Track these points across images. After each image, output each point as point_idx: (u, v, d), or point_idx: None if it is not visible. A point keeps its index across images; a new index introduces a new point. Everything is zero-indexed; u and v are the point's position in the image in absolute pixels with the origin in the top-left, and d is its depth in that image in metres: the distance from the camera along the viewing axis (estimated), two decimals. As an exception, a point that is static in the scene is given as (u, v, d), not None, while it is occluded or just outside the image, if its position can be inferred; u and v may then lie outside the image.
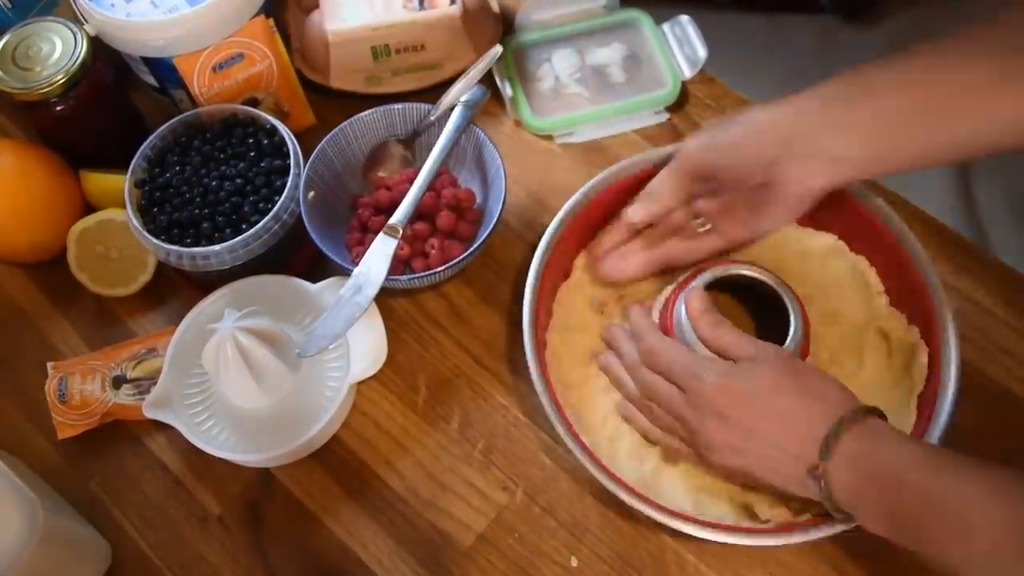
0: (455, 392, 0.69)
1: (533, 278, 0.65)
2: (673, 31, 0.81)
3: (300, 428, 0.63)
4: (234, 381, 0.62)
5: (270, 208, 0.67)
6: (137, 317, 0.74)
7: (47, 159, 0.74)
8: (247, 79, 0.74)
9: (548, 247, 0.66)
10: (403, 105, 0.74)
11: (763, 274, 0.63)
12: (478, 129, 0.72)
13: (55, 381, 0.69)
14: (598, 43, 0.82)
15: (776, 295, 0.62)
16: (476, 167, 0.74)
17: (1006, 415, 0.65)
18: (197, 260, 0.66)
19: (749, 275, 0.63)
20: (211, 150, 0.71)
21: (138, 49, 0.72)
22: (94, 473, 0.68)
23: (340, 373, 0.66)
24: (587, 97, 0.79)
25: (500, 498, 0.65)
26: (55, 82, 0.69)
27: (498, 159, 0.70)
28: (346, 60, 0.78)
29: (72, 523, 0.63)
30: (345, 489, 0.66)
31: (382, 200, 0.71)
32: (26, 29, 0.71)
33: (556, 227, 0.67)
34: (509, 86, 0.79)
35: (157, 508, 0.67)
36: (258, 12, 0.73)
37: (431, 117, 0.73)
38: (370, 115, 0.73)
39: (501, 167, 0.70)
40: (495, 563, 0.63)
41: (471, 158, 0.74)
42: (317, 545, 0.64)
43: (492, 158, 0.71)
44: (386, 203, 0.71)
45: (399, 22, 0.76)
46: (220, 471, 0.67)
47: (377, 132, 0.74)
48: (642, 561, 0.62)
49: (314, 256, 0.71)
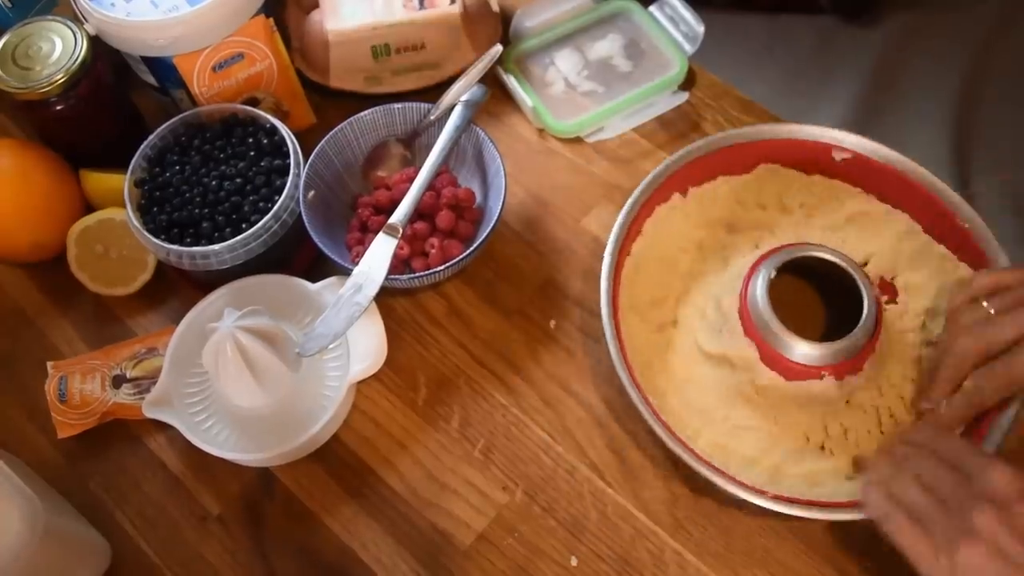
0: (455, 391, 0.69)
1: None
2: (663, 11, 0.81)
3: (300, 427, 0.63)
4: (234, 380, 0.62)
5: (270, 208, 0.67)
6: (137, 316, 0.74)
7: (47, 159, 0.74)
8: (247, 79, 0.74)
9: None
10: (403, 105, 0.74)
11: (836, 256, 0.63)
12: (478, 129, 0.72)
13: (55, 380, 0.69)
14: (595, 37, 0.82)
15: (850, 277, 0.62)
16: (476, 166, 0.74)
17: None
18: (197, 259, 0.66)
19: (823, 257, 0.63)
20: (211, 150, 0.71)
21: (138, 49, 0.72)
22: (94, 472, 0.68)
23: (340, 372, 0.66)
24: (602, 92, 0.79)
25: (500, 497, 0.65)
26: (55, 82, 0.69)
27: (498, 158, 0.70)
28: (346, 60, 0.78)
29: (72, 522, 0.63)
30: (345, 488, 0.66)
31: (382, 200, 0.71)
32: (26, 28, 0.71)
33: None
34: (527, 96, 0.78)
35: (157, 507, 0.67)
36: (258, 12, 0.73)
37: (431, 117, 0.74)
38: (370, 115, 0.73)
39: (501, 166, 0.70)
40: (495, 562, 0.63)
41: (471, 157, 0.74)
42: (317, 544, 0.64)
43: (492, 157, 0.71)
44: (386, 203, 0.71)
45: (399, 22, 0.76)
46: (220, 470, 0.66)
47: (377, 132, 0.75)
48: (642, 561, 0.62)
49: (314, 256, 0.71)
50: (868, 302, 0.61)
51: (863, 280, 0.62)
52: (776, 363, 0.61)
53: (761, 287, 0.62)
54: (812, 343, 0.61)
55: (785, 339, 0.61)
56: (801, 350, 0.61)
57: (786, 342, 0.61)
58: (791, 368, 0.61)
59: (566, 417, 0.67)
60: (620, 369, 0.62)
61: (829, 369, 0.61)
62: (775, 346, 0.61)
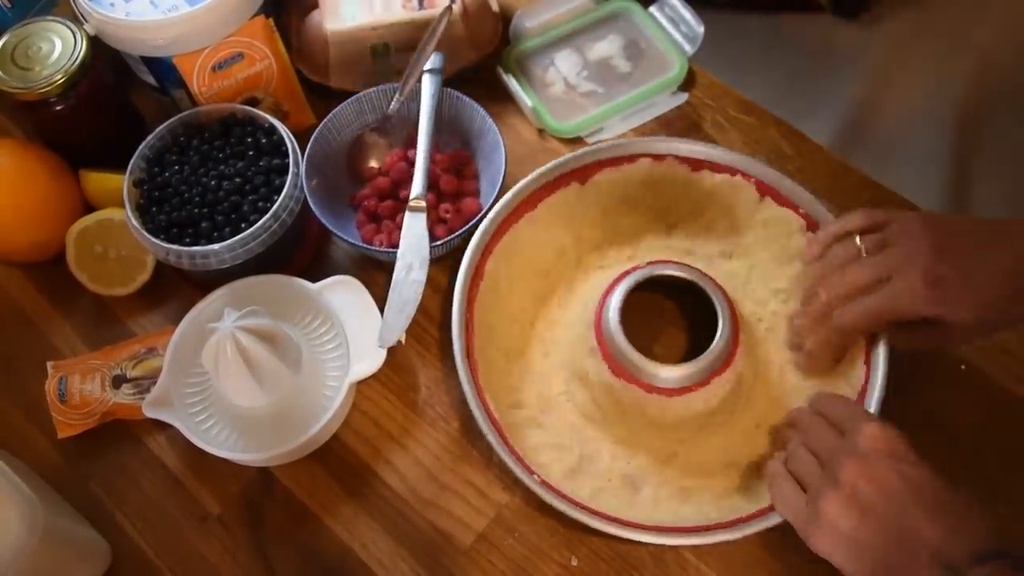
0: (455, 391, 0.68)
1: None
2: (663, 12, 0.81)
3: (300, 427, 0.63)
4: (234, 380, 0.62)
5: (269, 207, 0.67)
6: (136, 317, 0.74)
7: (46, 159, 0.74)
8: (247, 79, 0.74)
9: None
10: (367, 92, 0.74)
11: (690, 273, 0.64)
12: (450, 91, 0.73)
13: (55, 381, 0.69)
14: (594, 38, 0.82)
15: (705, 294, 0.64)
16: (458, 127, 0.75)
17: (1006, 415, 0.65)
18: (196, 259, 0.66)
19: (677, 276, 0.64)
20: (210, 149, 0.71)
21: (138, 49, 0.72)
22: (94, 473, 0.68)
23: (340, 372, 0.66)
24: (602, 93, 0.79)
25: (500, 497, 0.65)
26: (54, 82, 0.69)
27: (480, 110, 0.72)
28: (346, 59, 0.78)
29: (72, 523, 0.63)
30: (345, 488, 0.66)
31: (383, 185, 0.73)
32: (25, 29, 0.71)
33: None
34: (527, 97, 0.78)
35: (157, 507, 0.67)
36: (258, 12, 0.73)
37: (400, 96, 0.74)
38: (341, 110, 0.74)
39: (487, 116, 0.72)
40: (495, 562, 0.63)
41: (451, 121, 0.75)
42: (317, 544, 0.64)
43: (474, 112, 0.73)
44: (387, 187, 0.72)
45: (399, 21, 0.76)
46: (220, 470, 0.66)
47: (351, 125, 0.75)
48: (642, 561, 0.62)
49: (314, 255, 0.71)
50: (723, 319, 0.62)
51: (717, 296, 0.63)
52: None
53: (614, 310, 0.63)
54: (672, 366, 0.62)
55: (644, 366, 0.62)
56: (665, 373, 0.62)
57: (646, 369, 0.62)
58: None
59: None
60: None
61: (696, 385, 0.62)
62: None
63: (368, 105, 0.75)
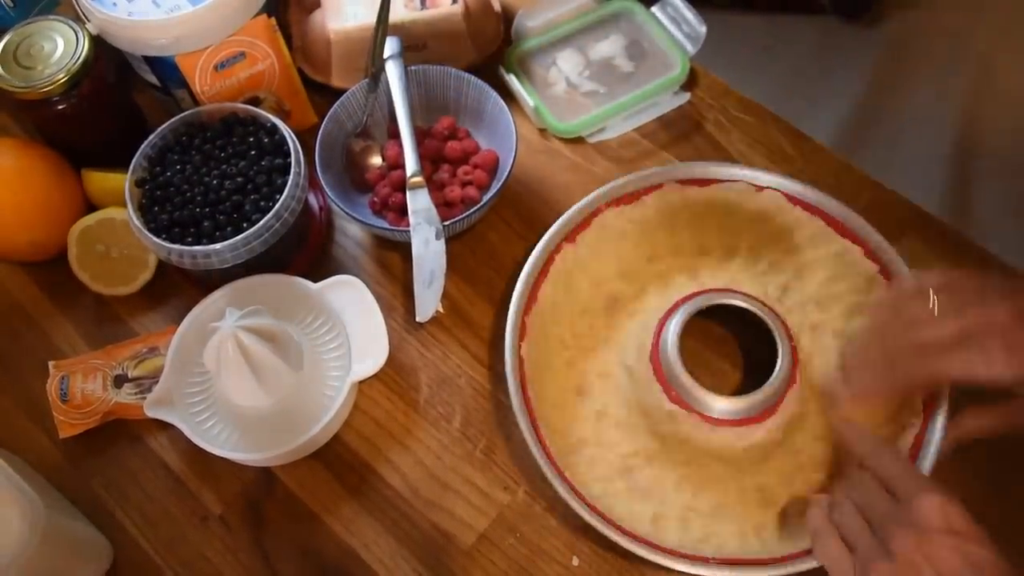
0: (456, 391, 0.69)
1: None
2: (666, 12, 0.81)
3: (301, 427, 0.63)
4: (235, 380, 0.62)
5: (271, 207, 0.67)
6: (138, 316, 0.74)
7: (48, 158, 0.74)
8: (249, 78, 0.74)
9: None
10: (339, 102, 0.75)
11: (751, 303, 0.63)
12: (426, 67, 0.75)
13: (56, 380, 0.69)
14: (596, 38, 0.82)
15: (764, 324, 0.63)
16: (447, 98, 0.77)
17: (1007, 415, 0.64)
18: (198, 259, 0.66)
19: (737, 305, 0.64)
20: (212, 149, 0.71)
21: (140, 48, 0.72)
22: (95, 472, 0.68)
23: (341, 372, 0.66)
24: (603, 92, 0.79)
25: (501, 497, 0.65)
26: (57, 81, 0.69)
27: (473, 77, 0.74)
28: (348, 59, 0.78)
29: (73, 522, 0.63)
30: (346, 488, 0.66)
31: (396, 180, 0.73)
32: (28, 28, 0.71)
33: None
34: (529, 97, 0.78)
35: (158, 507, 0.67)
36: (260, 11, 0.73)
37: (371, 94, 0.75)
38: (325, 127, 0.74)
39: (480, 81, 0.74)
40: (496, 562, 0.63)
41: (441, 95, 0.77)
42: (318, 544, 0.64)
43: (461, 80, 0.75)
44: (400, 180, 0.73)
45: (401, 21, 0.76)
46: (221, 470, 0.67)
47: (337, 139, 0.75)
48: (644, 561, 0.62)
49: (315, 255, 0.71)
50: (782, 348, 0.61)
51: (776, 325, 0.62)
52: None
53: (673, 337, 0.62)
54: (727, 398, 0.61)
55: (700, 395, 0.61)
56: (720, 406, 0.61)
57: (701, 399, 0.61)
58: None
59: (567, 417, 0.67)
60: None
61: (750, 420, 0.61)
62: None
63: (344, 113, 0.75)
